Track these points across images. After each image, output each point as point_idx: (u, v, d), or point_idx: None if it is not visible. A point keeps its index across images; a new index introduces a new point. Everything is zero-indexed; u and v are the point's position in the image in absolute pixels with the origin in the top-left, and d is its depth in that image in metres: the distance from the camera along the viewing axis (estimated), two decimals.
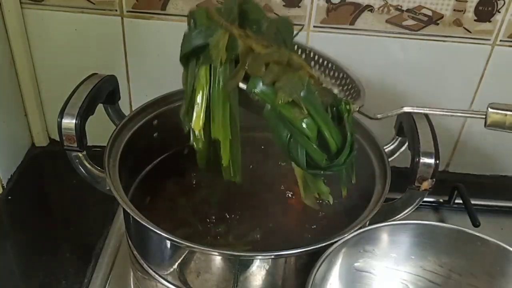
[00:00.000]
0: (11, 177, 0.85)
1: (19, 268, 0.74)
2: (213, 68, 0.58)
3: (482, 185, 0.92)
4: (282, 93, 0.53)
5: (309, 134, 0.54)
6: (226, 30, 0.58)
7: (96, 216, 0.80)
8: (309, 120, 0.54)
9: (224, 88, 0.57)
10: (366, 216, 0.57)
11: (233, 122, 0.59)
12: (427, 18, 0.78)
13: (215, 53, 0.57)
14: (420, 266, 0.62)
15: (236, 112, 0.59)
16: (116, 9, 0.80)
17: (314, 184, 0.60)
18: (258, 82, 0.54)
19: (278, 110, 0.54)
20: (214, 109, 0.59)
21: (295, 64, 0.56)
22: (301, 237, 0.67)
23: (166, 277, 0.60)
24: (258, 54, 0.56)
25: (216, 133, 0.59)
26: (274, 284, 0.57)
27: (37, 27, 0.81)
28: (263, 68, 0.55)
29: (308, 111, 0.53)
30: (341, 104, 0.56)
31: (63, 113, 0.61)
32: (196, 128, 0.59)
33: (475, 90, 0.85)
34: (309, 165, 0.55)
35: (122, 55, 0.84)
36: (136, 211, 0.55)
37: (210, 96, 0.58)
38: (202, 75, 0.58)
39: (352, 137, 0.55)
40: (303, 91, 0.53)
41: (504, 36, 0.79)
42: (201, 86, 0.58)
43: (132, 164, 0.66)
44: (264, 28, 0.61)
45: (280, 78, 0.54)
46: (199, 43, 0.58)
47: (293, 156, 0.56)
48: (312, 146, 0.54)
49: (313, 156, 0.55)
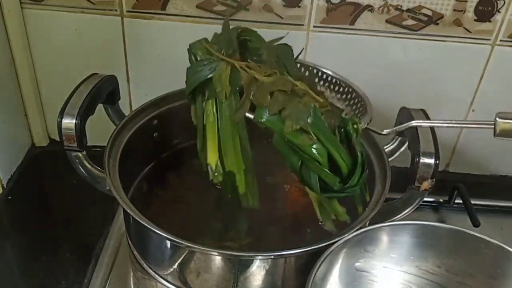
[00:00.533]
0: (11, 177, 0.85)
1: (19, 268, 0.74)
2: (218, 102, 0.60)
3: (482, 185, 0.92)
4: (290, 121, 0.54)
5: (319, 159, 0.54)
6: (227, 63, 0.59)
7: (96, 216, 0.80)
8: (319, 146, 0.54)
9: (232, 121, 0.59)
10: (366, 216, 0.57)
11: (244, 152, 0.61)
12: (427, 18, 0.78)
13: (219, 87, 0.59)
14: (420, 267, 0.61)
15: (246, 142, 0.61)
16: (116, 9, 0.80)
17: (330, 206, 0.61)
18: (264, 111, 0.55)
19: (287, 138, 0.55)
20: (225, 142, 0.60)
21: (299, 91, 0.57)
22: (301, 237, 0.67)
23: (166, 277, 0.60)
24: (262, 84, 0.57)
25: (230, 166, 0.61)
26: (274, 284, 0.57)
27: (37, 27, 0.81)
28: (268, 97, 0.55)
29: (317, 137, 0.54)
30: (349, 125, 0.56)
31: (63, 113, 0.61)
32: (212, 163, 0.61)
33: (475, 90, 0.85)
34: (323, 189, 0.56)
35: (122, 55, 0.84)
36: (136, 211, 0.55)
37: (220, 130, 0.60)
38: (209, 110, 0.60)
39: (363, 157, 0.56)
40: (310, 117, 0.54)
41: (504, 36, 0.79)
42: (210, 122, 0.60)
43: (132, 164, 0.66)
44: (264, 56, 0.62)
45: (286, 106, 0.55)
46: (202, 78, 0.60)
47: (307, 181, 0.57)
48: (324, 170, 0.55)
49: (326, 180, 0.56)
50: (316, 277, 0.53)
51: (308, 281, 0.52)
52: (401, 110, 0.68)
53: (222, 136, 0.60)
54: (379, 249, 0.60)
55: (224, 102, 0.59)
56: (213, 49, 0.61)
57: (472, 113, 0.87)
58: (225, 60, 0.60)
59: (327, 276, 0.57)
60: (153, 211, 0.66)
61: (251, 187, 0.63)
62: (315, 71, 0.71)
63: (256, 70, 0.58)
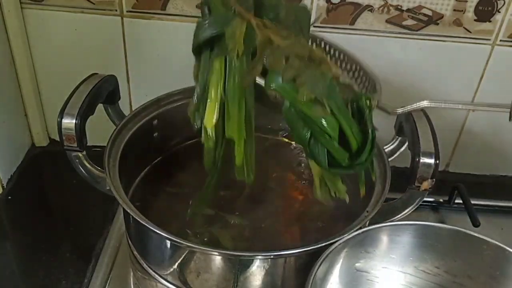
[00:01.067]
0: (11, 177, 0.85)
1: (19, 268, 0.74)
2: (228, 61, 0.54)
3: (482, 185, 0.92)
4: (305, 90, 0.50)
5: (331, 133, 0.52)
6: (243, 19, 0.54)
7: (96, 216, 0.80)
8: (331, 119, 0.51)
9: (241, 83, 0.54)
10: (366, 216, 0.57)
11: (248, 120, 0.56)
12: (427, 18, 0.78)
13: (231, 44, 0.53)
14: (420, 267, 0.61)
15: (251, 110, 0.56)
16: (116, 9, 0.80)
17: (332, 183, 0.58)
18: (277, 77, 0.51)
19: (298, 108, 0.51)
20: (229, 106, 0.55)
21: (316, 58, 0.53)
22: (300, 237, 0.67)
23: (166, 277, 0.60)
24: (278, 47, 0.53)
25: (231, 132, 0.55)
26: (274, 284, 0.57)
27: (37, 27, 0.81)
28: (283, 62, 0.51)
29: (330, 109, 0.51)
30: (362, 100, 0.53)
31: (63, 113, 0.61)
32: (208, 126, 0.55)
33: (475, 90, 0.85)
34: (330, 163, 0.54)
35: (122, 55, 0.84)
36: (136, 211, 0.55)
37: (225, 92, 0.54)
38: (216, 68, 0.54)
39: (373, 134, 0.53)
40: (326, 87, 0.51)
41: (504, 36, 0.79)
42: (215, 80, 0.54)
43: (132, 164, 0.66)
44: (282, 15, 0.56)
45: (302, 74, 0.51)
46: (214, 33, 0.54)
47: (314, 154, 0.54)
48: (334, 145, 0.52)
49: (334, 155, 0.53)
50: (316, 277, 0.53)
51: (308, 281, 0.52)
52: None
53: (228, 98, 0.54)
54: (379, 249, 0.60)
55: (234, 61, 0.53)
56: (229, 1, 0.55)
57: (472, 113, 0.87)
58: (241, 15, 0.54)
59: (327, 276, 0.57)
60: (153, 211, 0.67)
61: (248, 159, 0.58)
62: (322, 45, 0.67)
63: (272, 30, 0.53)
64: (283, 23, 0.56)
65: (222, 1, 0.56)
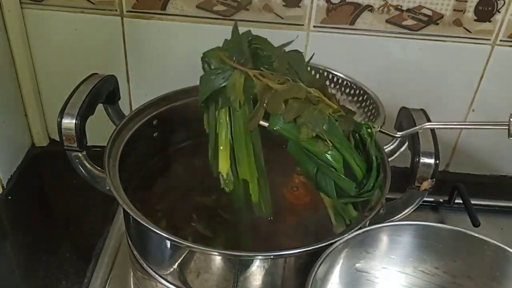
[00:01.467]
0: (11, 177, 0.85)
1: (19, 268, 0.74)
2: (232, 110, 0.60)
3: (482, 185, 0.92)
4: (306, 129, 0.55)
5: (335, 165, 0.55)
6: (241, 72, 0.59)
7: (96, 216, 0.80)
8: (334, 152, 0.55)
9: (246, 129, 0.59)
10: (366, 216, 0.57)
11: (258, 160, 0.61)
12: (427, 18, 0.78)
13: (233, 96, 0.59)
14: (420, 267, 0.61)
15: (259, 150, 0.61)
16: (116, 9, 0.80)
17: (345, 211, 0.61)
18: (279, 119, 0.55)
19: (302, 145, 0.55)
20: (238, 151, 0.60)
21: (313, 98, 0.57)
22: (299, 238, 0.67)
23: (166, 277, 0.60)
24: (276, 92, 0.57)
25: (243, 174, 0.61)
26: (274, 284, 0.57)
27: (37, 27, 0.81)
28: (282, 105, 0.56)
29: (332, 143, 0.55)
30: (363, 130, 0.57)
31: (63, 113, 0.61)
32: (223, 172, 0.61)
33: (475, 90, 0.85)
34: (338, 194, 0.57)
35: (122, 55, 0.84)
36: (136, 211, 0.55)
37: (233, 138, 0.60)
38: (223, 119, 0.60)
39: (378, 160, 0.56)
40: (325, 124, 0.55)
41: (504, 36, 0.79)
42: (223, 129, 0.60)
43: (132, 164, 0.66)
44: (276, 64, 0.62)
45: (302, 114, 0.55)
46: (216, 87, 0.60)
47: (322, 187, 0.57)
48: (340, 176, 0.55)
49: (342, 186, 0.56)
50: (316, 277, 0.53)
51: (308, 281, 0.52)
52: (401, 110, 0.68)
53: (236, 144, 0.61)
54: (379, 249, 0.60)
55: (238, 110, 0.59)
56: (225, 57, 0.61)
57: (472, 113, 0.87)
58: (239, 69, 0.60)
59: (327, 276, 0.57)
60: (153, 211, 0.67)
61: (264, 195, 0.63)
62: (325, 74, 0.71)
63: (269, 78, 0.58)
64: (278, 71, 0.61)
65: (220, 59, 0.61)
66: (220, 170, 0.62)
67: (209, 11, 0.79)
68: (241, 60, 0.61)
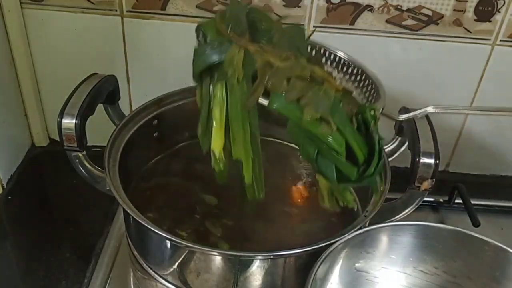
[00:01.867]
0: (11, 177, 0.85)
1: (19, 268, 0.74)
2: (229, 86, 0.55)
3: (482, 185, 0.92)
4: (310, 110, 0.51)
5: (338, 149, 0.52)
6: (240, 46, 0.55)
7: (96, 216, 0.80)
8: (338, 135, 0.52)
9: (244, 106, 0.55)
10: (366, 216, 0.57)
11: (254, 140, 0.57)
12: (427, 18, 0.78)
13: (230, 71, 0.54)
14: (420, 267, 0.62)
15: (256, 130, 0.57)
16: (116, 9, 0.80)
17: (341, 194, 0.58)
18: (279, 98, 0.52)
19: (305, 127, 0.52)
20: (234, 129, 0.56)
21: (318, 77, 0.54)
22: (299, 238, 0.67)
23: (166, 277, 0.60)
24: (278, 69, 0.53)
25: (238, 154, 0.57)
26: (274, 284, 0.57)
27: (37, 27, 0.81)
28: (284, 83, 0.52)
29: (336, 126, 0.52)
30: (366, 112, 0.54)
31: (63, 113, 0.61)
32: (216, 149, 0.57)
33: (475, 90, 0.85)
34: (338, 178, 0.54)
35: (122, 55, 0.84)
36: (136, 211, 0.55)
37: (229, 115, 0.56)
38: (218, 94, 0.56)
39: (380, 145, 0.53)
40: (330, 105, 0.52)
41: (504, 36, 0.79)
42: (218, 105, 0.56)
43: (132, 164, 0.66)
44: (275, 38, 0.58)
45: (305, 94, 0.52)
46: (212, 61, 0.56)
47: (322, 170, 0.55)
48: (342, 160, 0.53)
49: (343, 170, 0.53)
50: (316, 277, 0.53)
51: (308, 281, 0.52)
52: (401, 110, 0.68)
53: (231, 121, 0.56)
54: (379, 249, 0.60)
55: (235, 86, 0.55)
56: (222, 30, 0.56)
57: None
58: (237, 43, 0.55)
59: (327, 276, 0.57)
60: (153, 211, 0.67)
61: (257, 177, 0.58)
62: (322, 51, 0.66)
63: (271, 54, 0.54)
64: (279, 45, 0.57)
65: (216, 29, 0.56)
66: (213, 148, 0.57)
67: (209, 11, 0.79)
68: (238, 32, 0.56)
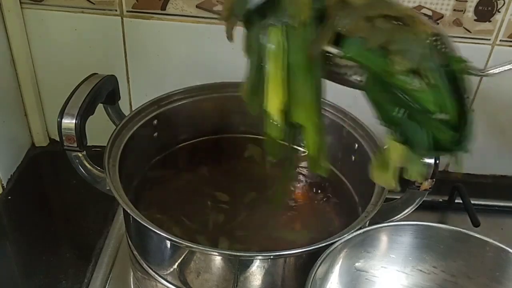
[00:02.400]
0: (11, 177, 0.85)
1: (19, 268, 0.74)
2: (289, 29, 0.44)
3: (482, 185, 0.92)
4: (401, 59, 0.41)
5: (434, 110, 0.43)
6: None
7: (96, 216, 0.80)
8: (435, 92, 0.43)
9: (308, 54, 0.44)
10: (366, 216, 0.57)
11: (317, 100, 0.46)
12: (427, 18, 0.78)
13: (292, 8, 0.43)
14: (420, 267, 0.61)
15: (320, 86, 0.46)
16: (116, 9, 0.80)
17: (416, 166, 0.48)
18: (355, 43, 0.42)
19: (391, 82, 0.42)
20: (295, 85, 0.45)
21: (406, 17, 0.43)
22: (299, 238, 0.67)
23: (166, 277, 0.60)
24: (353, 7, 0.43)
25: (299, 117, 0.46)
26: (274, 284, 0.57)
27: (37, 27, 0.81)
28: (363, 25, 0.42)
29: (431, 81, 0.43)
30: (457, 63, 0.46)
31: (63, 113, 0.61)
32: (272, 111, 0.46)
33: (475, 90, 0.85)
34: (430, 146, 0.45)
35: (122, 55, 0.84)
36: (136, 211, 0.55)
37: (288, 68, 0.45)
38: (274, 39, 0.44)
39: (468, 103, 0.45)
40: (423, 54, 0.42)
41: (504, 36, 0.79)
42: (274, 55, 0.44)
43: (132, 164, 0.66)
44: None
45: (393, 38, 0.42)
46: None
47: (409, 136, 0.45)
48: (439, 124, 0.44)
49: (437, 136, 0.45)
50: (316, 277, 0.53)
51: (308, 281, 0.52)
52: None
53: (292, 76, 0.45)
54: (379, 249, 0.60)
55: (298, 30, 0.43)
56: None
57: (472, 114, 0.87)
58: None
59: (327, 276, 0.57)
60: (153, 211, 0.67)
61: (321, 147, 0.48)
62: None
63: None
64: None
65: None
66: (269, 108, 0.46)
67: (209, 11, 0.79)
68: None
